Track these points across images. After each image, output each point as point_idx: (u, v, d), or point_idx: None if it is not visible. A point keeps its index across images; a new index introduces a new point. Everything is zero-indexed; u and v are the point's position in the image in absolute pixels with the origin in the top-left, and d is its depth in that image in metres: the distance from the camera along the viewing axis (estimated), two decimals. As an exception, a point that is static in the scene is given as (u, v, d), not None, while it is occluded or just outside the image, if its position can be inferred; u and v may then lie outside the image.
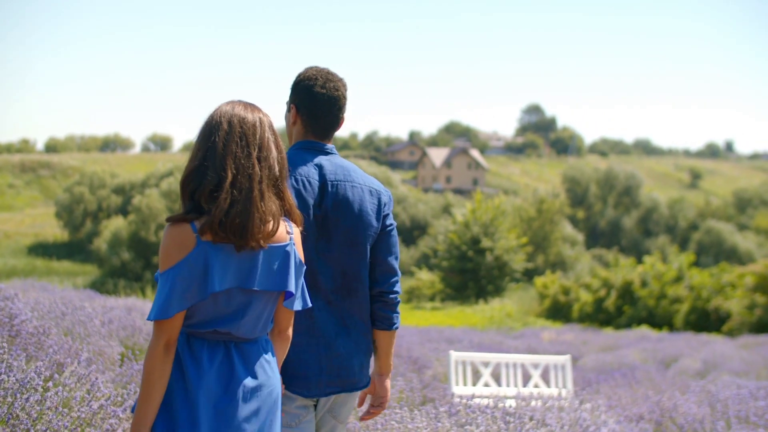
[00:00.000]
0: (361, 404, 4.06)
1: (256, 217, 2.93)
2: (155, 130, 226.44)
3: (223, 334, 3.03)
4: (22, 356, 4.68)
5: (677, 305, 37.90)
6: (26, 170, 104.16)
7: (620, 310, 40.64)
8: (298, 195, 3.59)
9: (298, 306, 3.22)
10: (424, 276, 56.43)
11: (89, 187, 78.65)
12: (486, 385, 10.50)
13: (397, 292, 3.85)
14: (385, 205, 3.84)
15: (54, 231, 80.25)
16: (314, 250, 3.64)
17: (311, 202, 3.64)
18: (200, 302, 2.95)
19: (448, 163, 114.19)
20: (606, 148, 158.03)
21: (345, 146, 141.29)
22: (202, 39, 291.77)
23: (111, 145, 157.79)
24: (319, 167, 3.72)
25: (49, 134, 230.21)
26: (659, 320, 37.70)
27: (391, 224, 3.86)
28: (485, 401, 7.90)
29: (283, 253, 3.09)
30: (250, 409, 3.02)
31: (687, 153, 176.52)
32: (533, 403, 8.46)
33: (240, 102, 3.13)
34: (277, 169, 3.07)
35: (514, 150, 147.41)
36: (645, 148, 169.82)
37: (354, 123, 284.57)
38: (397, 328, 3.90)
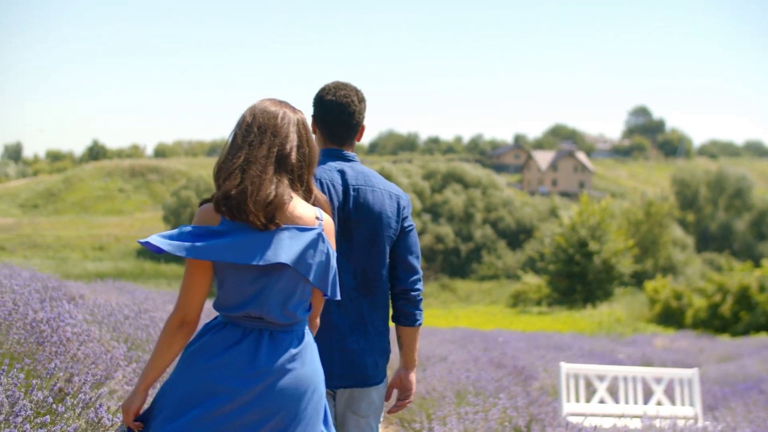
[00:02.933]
0: (388, 398, 4.12)
1: (268, 196, 3.01)
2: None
3: (256, 318, 3.06)
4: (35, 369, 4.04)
5: (799, 311, 36.17)
6: (135, 175, 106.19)
7: (737, 316, 38.89)
8: None
9: (331, 293, 3.23)
10: (531, 280, 55.94)
11: (196, 191, 79.54)
12: (602, 401, 9.45)
13: (419, 290, 3.99)
14: (404, 208, 4.00)
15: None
16: (337, 250, 3.60)
17: (335, 205, 3.82)
18: (229, 281, 3.05)
19: (554, 166, 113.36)
20: (716, 150, 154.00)
21: (450, 149, 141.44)
22: (307, 45, 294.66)
23: (217, 149, 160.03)
24: (342, 173, 3.91)
25: (159, 140, 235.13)
26: (780, 327, 36.00)
27: (410, 225, 4.02)
28: (602, 422, 7.12)
29: (311, 237, 3.13)
30: (268, 404, 2.99)
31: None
32: (657, 423, 7.54)
33: (270, 99, 3.28)
34: (295, 156, 3.16)
35: (620, 153, 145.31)
36: (757, 150, 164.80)
37: (459, 126, 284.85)
38: (420, 324, 4.02)
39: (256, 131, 3.11)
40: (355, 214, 3.85)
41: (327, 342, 3.72)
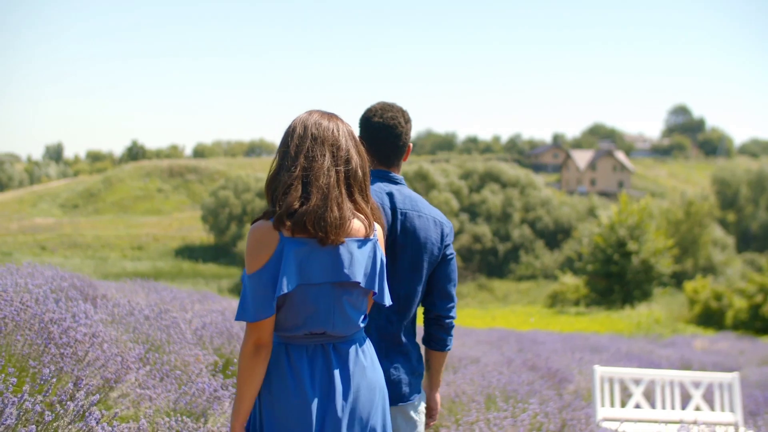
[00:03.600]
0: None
1: (334, 210, 2.96)
2: None
3: (319, 335, 3.07)
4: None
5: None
6: (174, 175, 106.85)
7: (779, 317, 38.37)
8: None
9: (387, 301, 3.25)
10: (568, 280, 55.53)
11: (234, 191, 79.87)
12: (637, 406, 9.14)
13: (452, 317, 4.03)
14: (447, 235, 4.02)
15: (200, 234, 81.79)
16: None
17: (384, 227, 3.66)
18: (291, 302, 3.00)
19: (592, 165, 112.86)
20: (757, 149, 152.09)
21: (488, 149, 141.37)
22: (346, 48, 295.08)
23: (256, 150, 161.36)
24: (390, 195, 3.91)
25: (198, 140, 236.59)
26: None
27: (451, 253, 4.05)
28: (637, 428, 6.89)
29: (370, 249, 3.13)
30: (352, 412, 3.06)
31: None
32: (696, 429, 7.27)
33: (318, 111, 3.21)
34: (360, 173, 3.14)
35: (660, 152, 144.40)
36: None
37: (497, 126, 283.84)
38: (449, 349, 4.08)
39: (311, 143, 3.04)
40: (401, 239, 3.87)
41: None
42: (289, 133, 3.10)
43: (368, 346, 3.26)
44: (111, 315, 6.46)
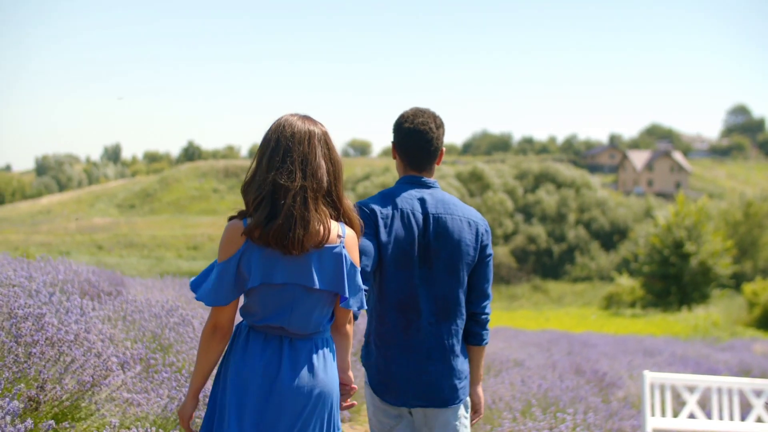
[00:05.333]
0: None
1: (298, 228, 3.15)
2: (354, 136, 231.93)
3: (276, 328, 3.26)
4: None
5: None
6: (229, 175, 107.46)
7: (843, 321, 37.46)
8: (405, 227, 3.92)
9: (354, 306, 3.39)
10: (624, 281, 55.05)
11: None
12: (691, 416, 8.40)
13: (487, 313, 4.14)
14: (482, 235, 4.08)
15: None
16: (418, 276, 3.94)
17: (416, 232, 3.94)
18: (256, 295, 3.23)
19: (649, 166, 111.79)
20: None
21: (544, 150, 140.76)
22: (398, 48, 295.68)
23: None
24: (422, 201, 4.00)
25: (254, 141, 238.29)
26: None
27: (489, 254, 4.11)
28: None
29: (333, 255, 3.29)
30: (290, 407, 3.21)
31: None
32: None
33: (294, 115, 3.37)
34: (325, 180, 3.28)
35: (718, 152, 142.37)
36: None
37: (553, 127, 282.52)
38: (486, 343, 4.20)
39: (283, 157, 3.22)
40: (435, 242, 3.94)
41: (405, 364, 3.94)
42: (264, 143, 3.30)
43: (328, 349, 3.38)
44: (116, 312, 6.08)
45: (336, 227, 3.31)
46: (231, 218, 3.26)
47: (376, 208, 3.92)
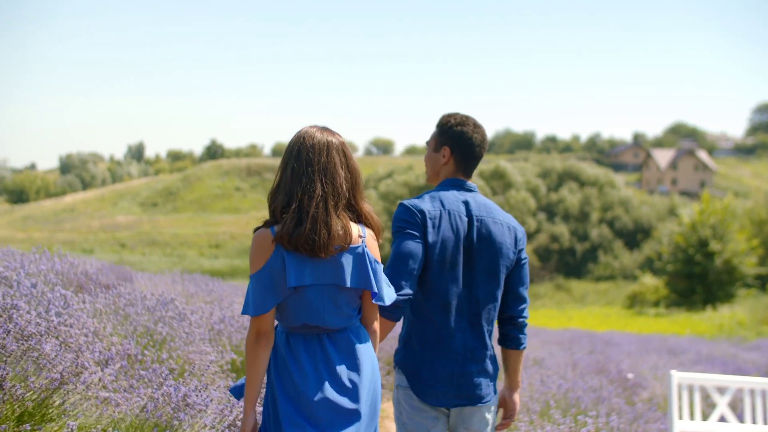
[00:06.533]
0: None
1: (323, 233, 3.36)
2: (377, 134, 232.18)
3: (313, 327, 3.49)
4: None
5: None
6: (252, 174, 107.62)
7: None
8: (452, 228, 4.02)
9: (386, 301, 3.60)
10: (648, 281, 54.59)
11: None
12: (722, 420, 7.87)
13: (525, 317, 4.24)
14: (520, 240, 4.22)
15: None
16: (461, 278, 4.04)
17: (462, 234, 4.05)
18: (289, 300, 3.43)
19: (673, 164, 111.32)
20: None
21: (567, 148, 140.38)
22: (422, 49, 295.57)
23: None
24: (466, 204, 4.14)
25: (276, 140, 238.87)
26: None
27: (525, 258, 4.25)
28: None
29: (357, 254, 3.50)
30: (350, 389, 3.45)
31: None
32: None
33: (314, 127, 3.59)
34: (345, 188, 3.51)
35: (744, 151, 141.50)
36: None
37: (577, 125, 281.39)
38: (524, 347, 4.30)
39: (305, 169, 3.44)
40: (477, 245, 4.07)
41: (448, 364, 4.03)
42: (288, 155, 3.52)
43: (362, 335, 3.62)
44: (107, 306, 5.81)
45: (357, 229, 3.53)
46: (257, 229, 3.46)
47: (425, 208, 4.02)
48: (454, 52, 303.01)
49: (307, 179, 3.42)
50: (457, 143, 4.21)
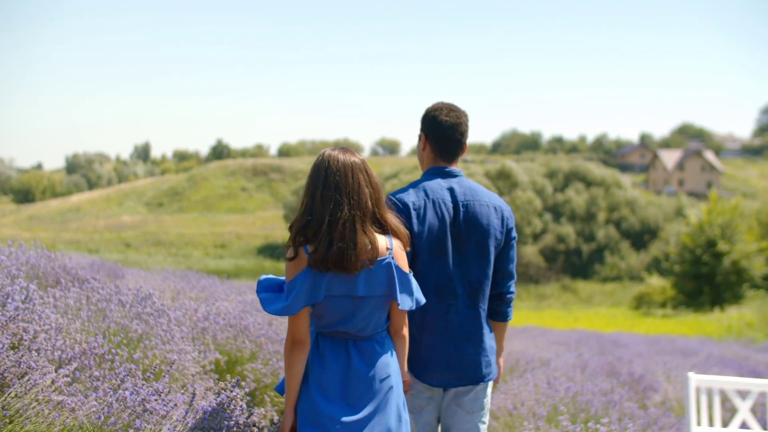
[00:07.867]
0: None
1: (351, 252, 3.60)
2: (384, 135, 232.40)
3: (341, 332, 3.79)
4: None
5: None
6: (258, 174, 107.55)
7: None
8: (437, 216, 4.18)
9: (410, 306, 3.82)
10: (655, 281, 54.45)
11: (314, 190, 79.84)
12: (744, 426, 7.19)
13: (512, 292, 4.43)
14: (507, 219, 4.36)
15: (283, 233, 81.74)
16: (452, 262, 4.21)
17: (448, 221, 4.21)
18: (322, 307, 3.72)
19: (680, 165, 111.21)
20: None
21: (573, 149, 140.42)
22: (428, 50, 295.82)
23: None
24: (451, 190, 4.29)
25: (282, 140, 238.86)
26: None
27: (514, 237, 4.40)
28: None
29: (384, 266, 3.73)
30: (366, 392, 3.72)
31: None
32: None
33: (335, 149, 3.77)
34: (370, 204, 3.72)
35: (751, 152, 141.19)
36: None
37: (583, 126, 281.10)
38: (510, 319, 4.49)
39: (333, 192, 3.64)
40: (465, 228, 4.23)
41: (446, 347, 4.21)
42: (314, 180, 3.70)
43: (387, 344, 3.87)
44: (78, 302, 5.47)
45: (384, 241, 3.75)
46: (286, 247, 3.72)
47: (408, 200, 4.17)
48: (461, 52, 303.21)
49: (335, 202, 3.61)
50: (431, 128, 4.37)
